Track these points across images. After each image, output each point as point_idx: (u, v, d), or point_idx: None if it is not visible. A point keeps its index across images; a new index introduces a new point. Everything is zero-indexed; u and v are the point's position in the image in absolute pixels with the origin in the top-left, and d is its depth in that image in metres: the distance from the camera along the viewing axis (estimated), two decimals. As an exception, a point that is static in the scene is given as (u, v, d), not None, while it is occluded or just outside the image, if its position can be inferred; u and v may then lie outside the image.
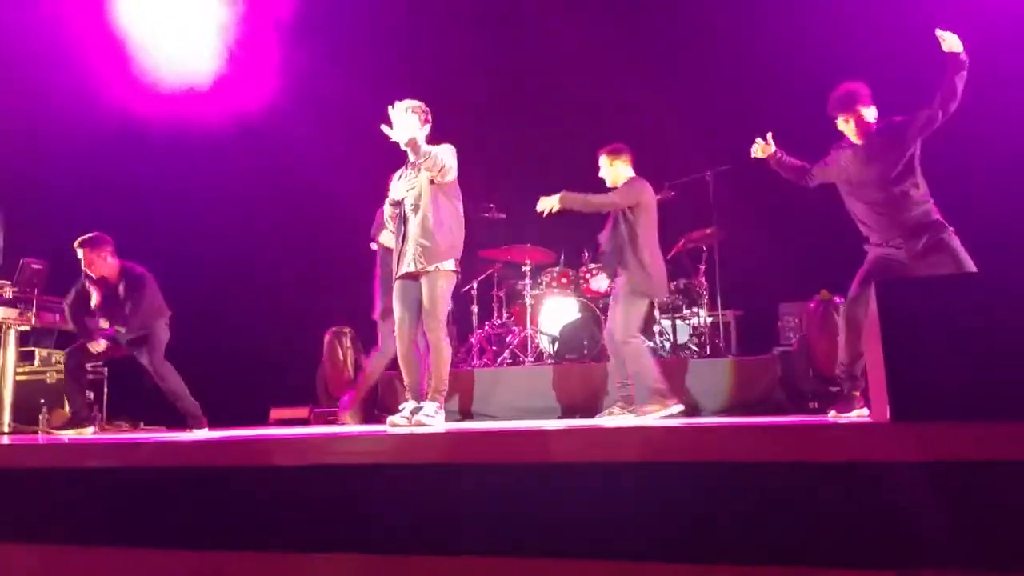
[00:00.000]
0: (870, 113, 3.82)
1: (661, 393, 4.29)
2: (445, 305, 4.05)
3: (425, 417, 3.84)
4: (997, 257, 3.65)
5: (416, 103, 4.10)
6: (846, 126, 3.86)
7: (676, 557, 2.04)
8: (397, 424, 3.88)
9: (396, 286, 4.11)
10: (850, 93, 3.84)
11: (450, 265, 4.04)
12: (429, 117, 4.14)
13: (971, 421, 1.87)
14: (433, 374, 3.98)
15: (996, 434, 1.84)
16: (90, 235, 4.77)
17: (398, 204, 4.13)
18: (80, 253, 4.73)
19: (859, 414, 3.72)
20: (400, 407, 4.08)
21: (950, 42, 3.65)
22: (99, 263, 4.77)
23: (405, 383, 4.13)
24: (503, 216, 6.50)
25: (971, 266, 3.58)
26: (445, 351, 3.99)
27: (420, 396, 4.03)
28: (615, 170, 4.65)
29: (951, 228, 3.69)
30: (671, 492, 2.10)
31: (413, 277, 4.04)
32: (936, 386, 2.04)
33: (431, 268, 3.97)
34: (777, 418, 4.21)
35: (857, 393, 3.78)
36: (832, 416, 3.77)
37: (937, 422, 1.94)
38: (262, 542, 2.39)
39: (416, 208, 4.05)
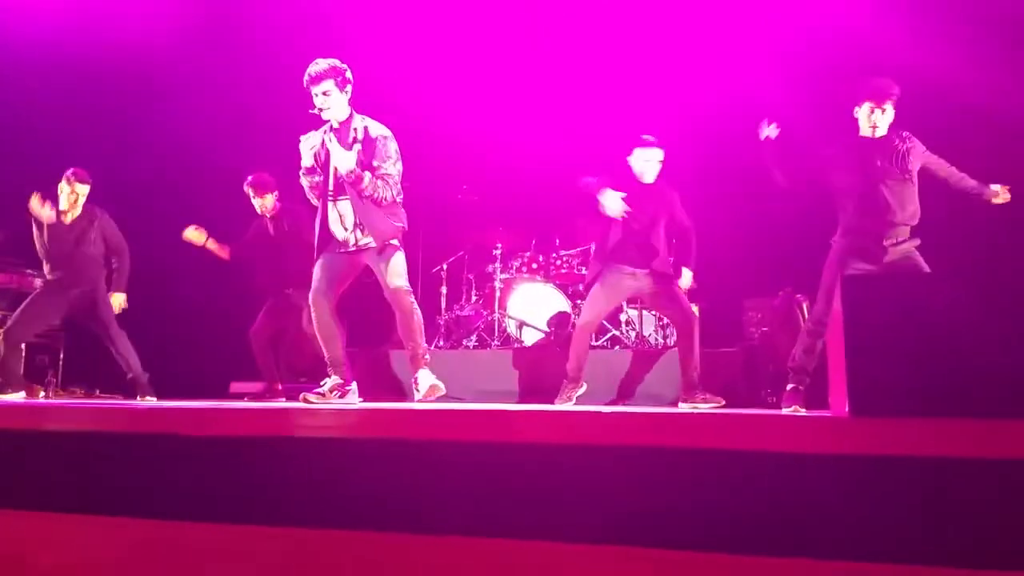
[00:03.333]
0: None
1: None
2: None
3: (425, 383, 3.88)
4: (960, 259, 3.74)
5: (329, 67, 3.83)
6: (881, 116, 3.82)
7: (636, 541, 2.06)
8: (310, 401, 3.83)
9: (326, 257, 3.95)
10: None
11: (396, 240, 3.96)
12: (348, 76, 3.88)
13: (929, 417, 1.91)
14: (416, 341, 3.94)
15: (952, 431, 1.88)
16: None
17: (313, 171, 3.93)
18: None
19: (795, 409, 3.81)
20: (321, 383, 3.98)
21: None
22: None
23: (327, 357, 3.97)
24: (475, 198, 6.47)
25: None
26: (419, 314, 3.97)
27: (343, 370, 3.95)
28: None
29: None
30: (628, 477, 2.11)
31: (353, 253, 3.95)
32: (895, 383, 2.08)
33: (379, 245, 3.90)
34: (736, 410, 4.28)
35: (801, 388, 3.87)
36: (793, 410, 3.83)
37: (895, 418, 1.98)
38: (218, 513, 2.35)
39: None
